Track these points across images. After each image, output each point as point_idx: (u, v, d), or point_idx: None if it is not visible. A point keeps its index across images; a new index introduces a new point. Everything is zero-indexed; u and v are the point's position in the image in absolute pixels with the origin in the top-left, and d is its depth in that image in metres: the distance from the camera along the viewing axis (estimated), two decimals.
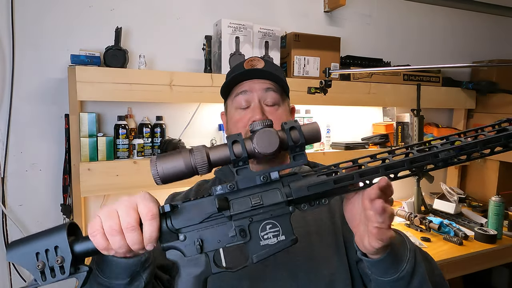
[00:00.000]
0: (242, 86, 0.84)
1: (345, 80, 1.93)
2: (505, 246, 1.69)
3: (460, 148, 0.53)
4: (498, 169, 2.29)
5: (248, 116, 0.81)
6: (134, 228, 0.52)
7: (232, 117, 0.85)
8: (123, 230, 0.52)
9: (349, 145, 1.99)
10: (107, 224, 0.52)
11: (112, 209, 0.54)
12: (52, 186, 1.62)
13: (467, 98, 2.35)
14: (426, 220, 1.79)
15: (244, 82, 0.84)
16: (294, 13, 2.05)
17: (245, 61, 0.87)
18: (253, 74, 0.83)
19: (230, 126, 0.87)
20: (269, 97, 0.83)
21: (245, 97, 0.83)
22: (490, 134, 0.53)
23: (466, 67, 2.52)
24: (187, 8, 1.81)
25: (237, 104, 0.84)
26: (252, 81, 0.84)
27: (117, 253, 0.54)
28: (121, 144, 1.59)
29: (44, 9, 1.56)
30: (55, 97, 1.59)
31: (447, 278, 1.59)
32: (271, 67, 0.86)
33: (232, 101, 0.86)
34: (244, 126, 0.81)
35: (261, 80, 0.84)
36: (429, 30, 2.48)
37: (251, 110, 0.82)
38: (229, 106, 0.88)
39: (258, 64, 0.85)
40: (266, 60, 0.87)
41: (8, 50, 1.52)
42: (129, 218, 0.52)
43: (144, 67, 1.59)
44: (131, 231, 0.52)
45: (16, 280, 1.59)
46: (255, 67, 0.84)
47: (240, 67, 0.86)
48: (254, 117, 0.80)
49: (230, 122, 0.87)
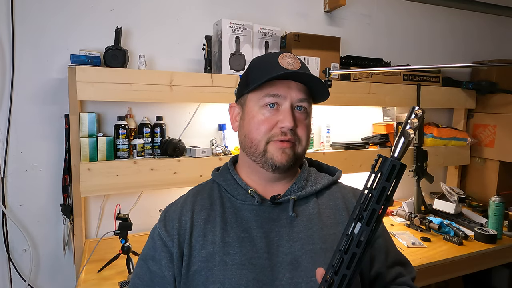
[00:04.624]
0: (276, 88, 0.75)
1: (345, 80, 1.93)
2: (505, 246, 1.69)
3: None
4: (498, 169, 2.29)
5: (276, 120, 0.75)
6: None
7: (254, 115, 0.77)
8: None
9: (349, 145, 1.99)
10: None
11: None
12: (52, 186, 1.62)
13: (467, 98, 2.35)
14: (426, 220, 1.79)
15: (278, 84, 0.75)
16: (294, 13, 2.05)
17: (277, 55, 0.77)
18: (292, 76, 0.75)
19: (248, 124, 0.78)
20: (302, 104, 0.77)
21: (277, 99, 0.75)
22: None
23: (466, 67, 2.52)
24: (187, 8, 1.81)
25: (264, 104, 0.76)
26: (288, 85, 0.76)
27: None
28: (121, 144, 1.59)
29: (44, 9, 1.56)
30: (55, 97, 1.59)
31: (447, 278, 1.60)
32: (305, 67, 0.78)
33: (258, 98, 0.77)
34: (269, 129, 0.75)
35: (298, 86, 0.76)
36: (429, 30, 2.48)
37: (281, 114, 0.75)
38: (250, 100, 0.79)
39: (295, 62, 0.76)
40: (299, 58, 0.79)
41: (8, 50, 1.52)
42: None
43: (144, 67, 1.59)
44: None
45: (16, 280, 1.59)
46: (293, 66, 0.75)
47: (274, 63, 0.76)
48: (284, 123, 0.74)
49: (250, 119, 0.78)
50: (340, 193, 0.84)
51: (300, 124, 0.77)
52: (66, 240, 1.63)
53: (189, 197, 0.84)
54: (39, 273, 1.64)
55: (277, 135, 0.75)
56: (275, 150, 0.76)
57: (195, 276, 0.72)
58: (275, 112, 0.76)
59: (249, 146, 0.78)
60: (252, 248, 0.73)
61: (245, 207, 0.78)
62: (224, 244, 0.73)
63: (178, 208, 0.81)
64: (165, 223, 0.80)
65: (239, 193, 0.80)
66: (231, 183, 0.82)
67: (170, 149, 1.62)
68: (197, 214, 0.78)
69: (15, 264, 1.59)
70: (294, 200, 0.78)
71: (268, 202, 0.78)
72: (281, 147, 0.75)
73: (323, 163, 0.93)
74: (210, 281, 0.70)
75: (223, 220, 0.76)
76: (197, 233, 0.76)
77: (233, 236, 0.74)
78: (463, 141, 2.36)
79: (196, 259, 0.73)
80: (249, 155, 0.80)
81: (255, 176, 0.82)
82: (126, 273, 1.30)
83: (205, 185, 0.87)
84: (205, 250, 0.73)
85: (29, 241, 1.59)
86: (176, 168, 1.61)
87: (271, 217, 0.77)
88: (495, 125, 2.31)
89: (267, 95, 0.75)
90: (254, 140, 0.77)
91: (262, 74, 0.75)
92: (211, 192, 0.83)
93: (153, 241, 0.79)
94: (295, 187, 0.81)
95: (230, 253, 0.72)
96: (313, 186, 0.82)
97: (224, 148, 1.75)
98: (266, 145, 0.76)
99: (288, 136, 0.75)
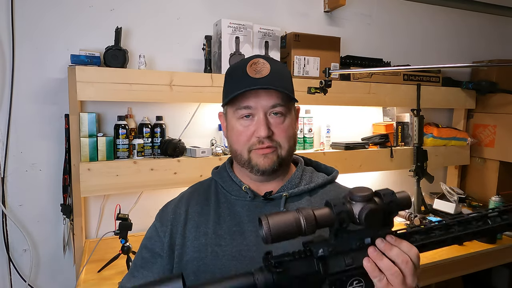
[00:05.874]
0: (246, 100, 0.76)
1: (345, 80, 1.93)
2: (505, 246, 1.70)
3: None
4: (498, 169, 2.29)
5: (252, 130, 0.77)
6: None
7: (233, 126, 0.80)
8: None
9: (349, 145, 1.99)
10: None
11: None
12: (52, 186, 1.62)
13: (467, 98, 2.35)
14: (426, 220, 1.79)
15: (248, 94, 0.76)
16: (294, 13, 2.05)
17: (247, 63, 0.77)
18: (259, 85, 0.75)
19: (230, 135, 0.82)
20: (276, 110, 0.77)
21: (250, 111, 0.77)
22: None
23: (466, 67, 2.53)
24: (187, 8, 1.81)
25: (240, 116, 0.78)
26: (257, 94, 0.76)
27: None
28: (121, 144, 1.59)
29: (44, 9, 1.56)
30: (55, 97, 1.59)
31: (447, 278, 1.60)
32: (277, 71, 0.78)
33: (233, 111, 0.79)
34: (247, 139, 0.78)
35: (268, 93, 0.76)
36: (429, 30, 2.48)
37: (256, 124, 0.77)
38: (229, 112, 0.82)
39: (263, 68, 0.76)
40: (271, 60, 0.79)
41: (8, 50, 1.52)
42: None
43: (144, 67, 1.59)
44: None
45: (16, 280, 1.59)
46: (260, 74, 0.75)
47: (242, 73, 0.76)
48: (259, 133, 0.76)
49: (231, 131, 0.81)
50: (335, 192, 0.86)
51: (276, 129, 0.78)
52: (66, 240, 1.63)
53: (187, 193, 0.89)
54: (39, 273, 1.64)
55: (255, 144, 0.78)
56: (257, 157, 0.79)
57: (187, 265, 0.77)
58: (250, 122, 0.78)
59: (235, 155, 0.83)
60: (243, 241, 0.76)
61: (238, 202, 0.82)
62: (216, 236, 0.77)
63: (175, 203, 0.87)
64: (161, 214, 0.87)
65: (234, 189, 0.83)
66: (226, 179, 0.86)
67: (170, 149, 1.62)
68: (192, 208, 0.83)
69: (15, 264, 1.59)
70: (286, 197, 0.81)
71: (260, 198, 0.82)
72: (263, 153, 0.78)
73: (321, 163, 0.94)
74: (202, 270, 0.75)
75: (216, 214, 0.81)
76: (191, 225, 0.80)
77: (225, 229, 0.78)
78: (463, 141, 2.36)
79: (189, 249, 0.78)
80: (237, 162, 0.83)
81: (248, 177, 0.85)
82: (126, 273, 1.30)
83: (204, 182, 0.92)
84: (198, 241, 0.78)
85: (29, 241, 1.59)
86: (176, 168, 1.61)
87: (263, 212, 0.78)
88: (495, 125, 2.31)
89: (240, 108, 0.78)
90: (237, 150, 0.81)
91: (231, 87, 0.77)
92: (208, 188, 0.88)
93: (149, 231, 0.87)
94: (289, 184, 0.83)
95: (222, 244, 0.76)
96: (307, 184, 0.84)
97: (224, 148, 1.75)
98: (249, 153, 0.79)
99: (266, 144, 0.77)
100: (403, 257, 0.56)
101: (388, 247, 0.57)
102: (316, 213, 0.55)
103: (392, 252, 0.56)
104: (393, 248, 0.57)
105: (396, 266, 0.56)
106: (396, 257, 0.56)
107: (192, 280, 0.74)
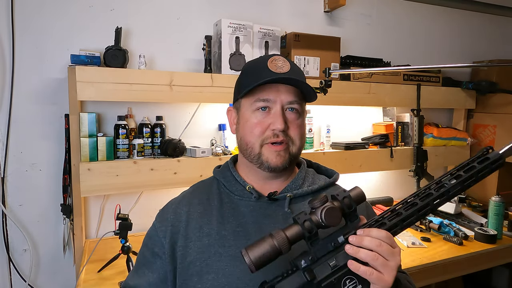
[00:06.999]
0: (266, 93, 0.77)
1: (345, 80, 1.93)
2: (505, 246, 1.69)
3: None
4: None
5: (268, 122, 0.77)
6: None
7: (248, 119, 0.80)
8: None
9: (349, 145, 1.99)
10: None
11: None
12: (52, 186, 1.62)
13: (467, 98, 2.35)
14: (426, 220, 1.79)
15: (268, 88, 0.77)
16: (294, 13, 2.05)
17: (267, 59, 0.79)
18: (280, 80, 0.77)
19: (243, 127, 0.81)
20: (293, 106, 0.79)
21: (267, 103, 0.78)
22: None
23: (466, 67, 2.52)
24: (187, 8, 1.81)
25: (256, 108, 0.79)
26: (278, 88, 0.77)
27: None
28: (121, 144, 1.59)
29: (44, 9, 1.56)
30: (55, 97, 1.59)
31: (447, 278, 1.60)
32: (296, 70, 0.80)
33: (250, 103, 0.79)
34: (262, 131, 0.78)
35: (287, 88, 0.78)
36: (429, 30, 2.48)
37: (272, 117, 0.77)
38: (243, 105, 0.82)
39: (284, 65, 0.78)
40: (289, 60, 0.81)
41: (8, 50, 1.52)
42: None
43: (144, 67, 1.59)
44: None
45: (16, 280, 1.59)
46: (282, 70, 0.77)
47: (263, 67, 0.78)
48: (275, 125, 0.76)
49: (244, 123, 0.81)
50: None
51: (291, 124, 0.79)
52: (66, 240, 1.63)
53: (188, 193, 0.89)
54: (39, 273, 1.64)
55: (269, 137, 0.78)
56: (270, 153, 0.78)
57: (190, 266, 0.76)
58: (266, 115, 0.78)
59: (245, 148, 0.81)
60: (247, 242, 0.75)
61: (242, 203, 0.81)
62: (220, 236, 0.77)
63: (176, 202, 0.86)
64: (161, 214, 0.86)
65: (237, 189, 0.83)
66: (230, 179, 0.85)
67: (170, 149, 1.62)
68: (194, 208, 0.82)
69: (15, 264, 1.59)
70: (290, 197, 0.80)
71: (265, 198, 0.81)
72: (276, 150, 0.78)
73: (322, 165, 0.95)
74: (205, 271, 0.74)
75: (220, 214, 0.80)
76: (193, 226, 0.79)
77: (229, 229, 0.77)
78: (463, 141, 2.36)
79: (192, 250, 0.77)
80: (246, 157, 0.82)
81: (253, 175, 0.84)
82: (126, 273, 1.30)
83: (205, 181, 0.91)
84: (201, 242, 0.77)
85: (29, 241, 1.59)
86: (176, 168, 1.61)
87: (267, 213, 0.79)
88: (495, 125, 2.31)
89: (258, 100, 0.78)
90: (249, 143, 0.80)
91: (251, 80, 0.78)
92: (210, 187, 0.87)
93: (149, 230, 0.87)
94: (292, 185, 0.83)
95: (225, 245, 0.76)
96: (310, 186, 0.84)
97: (224, 148, 1.75)
98: (261, 148, 0.79)
99: (280, 138, 0.77)
100: (375, 242, 0.60)
101: (360, 239, 0.61)
102: (287, 233, 0.61)
103: (365, 242, 0.60)
104: (364, 239, 0.60)
105: (374, 252, 0.59)
106: (370, 244, 0.60)
107: (195, 281, 0.74)
